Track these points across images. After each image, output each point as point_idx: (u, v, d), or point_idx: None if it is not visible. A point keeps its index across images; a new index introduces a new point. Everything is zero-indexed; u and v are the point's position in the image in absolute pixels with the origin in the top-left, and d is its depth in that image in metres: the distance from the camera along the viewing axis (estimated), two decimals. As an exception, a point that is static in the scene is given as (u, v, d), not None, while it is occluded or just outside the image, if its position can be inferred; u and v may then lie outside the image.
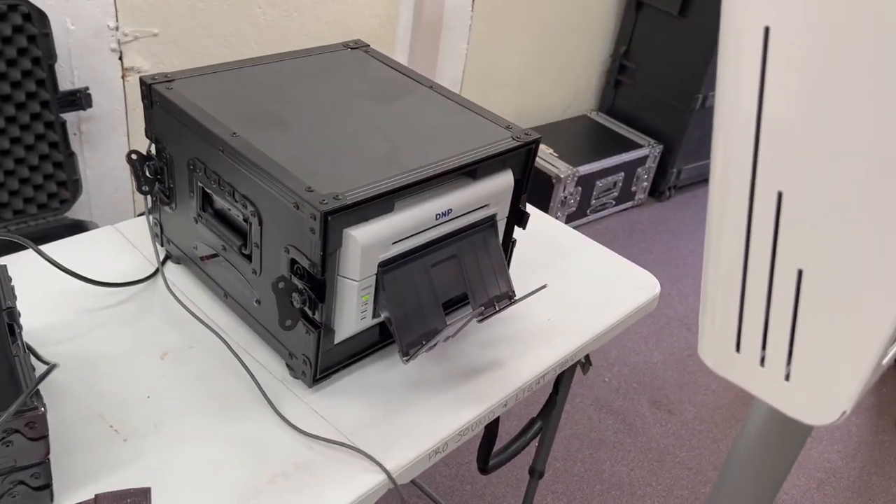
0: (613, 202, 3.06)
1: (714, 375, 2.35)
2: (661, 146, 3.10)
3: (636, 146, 3.04)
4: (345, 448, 0.88)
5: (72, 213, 1.78)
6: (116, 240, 1.15)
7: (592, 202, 2.96)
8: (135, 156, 1.04)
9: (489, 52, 2.79)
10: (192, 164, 0.99)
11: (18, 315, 0.83)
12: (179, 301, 1.04)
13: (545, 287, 1.16)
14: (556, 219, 2.82)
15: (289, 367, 0.97)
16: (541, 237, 1.32)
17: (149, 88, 1.01)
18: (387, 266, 0.91)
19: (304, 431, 0.89)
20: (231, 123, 0.95)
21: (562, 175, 2.75)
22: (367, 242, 0.87)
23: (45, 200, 1.72)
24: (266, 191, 0.88)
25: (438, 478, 1.89)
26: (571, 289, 1.20)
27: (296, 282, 0.88)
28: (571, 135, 3.08)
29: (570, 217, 2.91)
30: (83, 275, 1.03)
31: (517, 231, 1.30)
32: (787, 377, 0.49)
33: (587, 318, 1.14)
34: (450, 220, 0.97)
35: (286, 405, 0.93)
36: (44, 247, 1.08)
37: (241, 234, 0.97)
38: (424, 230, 0.94)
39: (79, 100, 1.76)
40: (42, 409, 0.71)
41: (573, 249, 1.30)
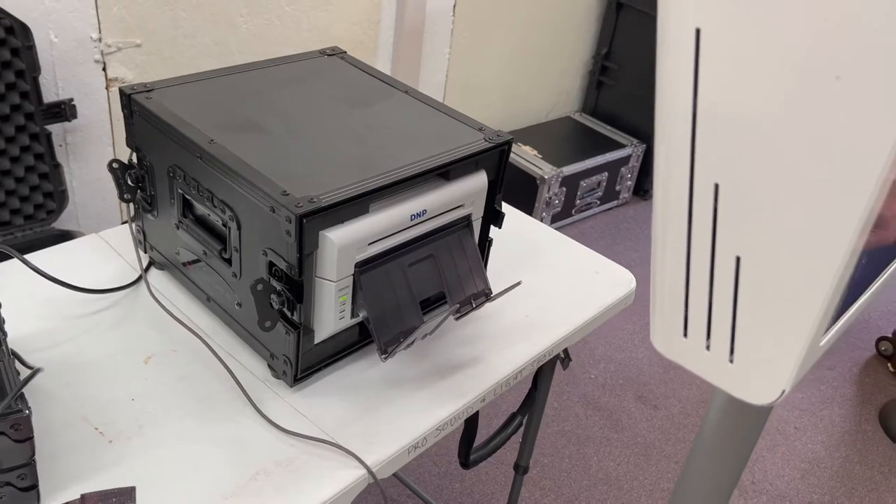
0: (598, 202, 3.09)
1: (658, 351, 2.38)
2: (644, 145, 3.13)
3: (619, 146, 3.07)
4: (325, 445, 0.90)
5: (59, 224, 1.80)
6: (101, 247, 1.17)
7: (577, 202, 2.99)
8: (116, 164, 1.06)
9: (472, 56, 2.82)
10: (172, 172, 1.01)
11: (3, 322, 0.85)
12: (163, 306, 1.06)
13: (520, 284, 1.19)
14: (542, 219, 2.85)
15: (270, 368, 0.99)
16: (520, 237, 1.34)
17: (128, 98, 1.03)
18: (364, 266, 0.94)
19: (286, 429, 0.91)
20: (208, 131, 0.97)
21: (546, 176, 2.78)
22: (343, 244, 0.89)
23: (32, 212, 1.74)
24: (243, 196, 0.91)
25: (427, 476, 1.92)
26: (549, 286, 1.23)
27: (274, 283, 0.91)
28: (555, 136, 3.11)
29: (556, 217, 2.94)
30: (68, 282, 1.05)
31: (494, 231, 1.32)
32: (731, 359, 0.52)
33: (564, 314, 1.17)
34: (425, 221, 0.99)
35: (268, 405, 0.95)
36: (29, 255, 1.10)
37: (221, 239, 0.99)
38: (400, 231, 0.96)
39: (63, 111, 1.77)
40: (27, 412, 0.73)
41: (551, 248, 1.33)
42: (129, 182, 1.08)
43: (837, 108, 0.41)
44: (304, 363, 0.97)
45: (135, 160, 1.08)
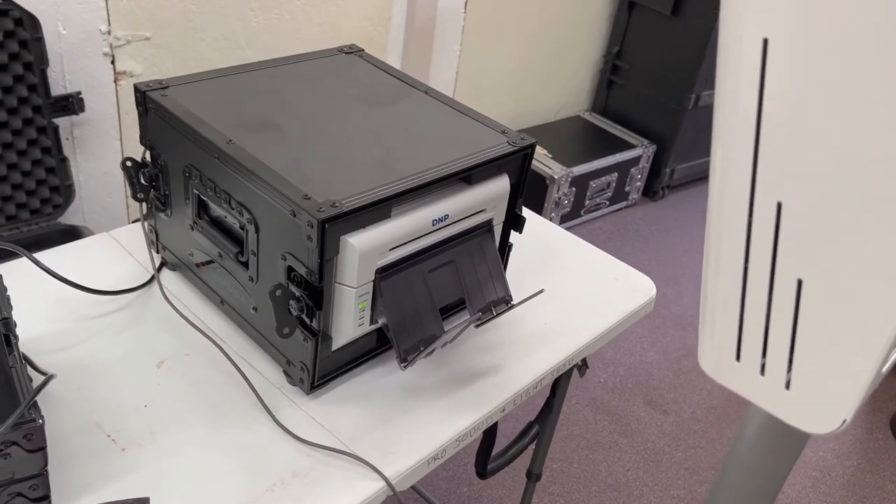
0: (607, 202, 3.06)
1: (709, 375, 2.36)
2: (655, 146, 3.10)
3: (629, 146, 3.05)
4: (343, 455, 0.88)
5: (65, 219, 1.77)
6: (111, 247, 1.15)
7: (586, 202, 2.97)
8: (129, 163, 1.03)
9: (482, 54, 2.79)
10: (188, 172, 0.98)
11: (14, 325, 0.83)
12: (175, 308, 1.03)
13: (543, 292, 1.16)
14: (551, 220, 2.83)
15: (286, 375, 0.97)
16: (536, 241, 1.32)
17: (143, 95, 1.01)
18: (384, 272, 0.91)
19: (302, 439, 0.89)
20: (226, 130, 0.94)
21: (556, 176, 2.75)
22: (365, 249, 0.87)
23: (38, 206, 1.72)
24: (262, 198, 0.88)
25: (435, 480, 1.89)
26: (568, 292, 1.20)
27: (293, 289, 0.88)
28: (565, 135, 3.08)
29: (565, 218, 2.92)
30: (79, 283, 1.03)
31: (513, 235, 1.30)
32: (788, 386, 0.49)
33: (584, 322, 1.15)
34: (446, 226, 0.97)
35: (284, 413, 0.93)
36: (38, 254, 1.08)
37: (238, 242, 0.96)
38: (421, 236, 0.94)
39: (71, 104, 1.75)
40: (40, 421, 0.71)
41: (569, 253, 1.30)
42: (143, 181, 1.05)
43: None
44: (322, 370, 0.94)
45: (148, 158, 1.05)
